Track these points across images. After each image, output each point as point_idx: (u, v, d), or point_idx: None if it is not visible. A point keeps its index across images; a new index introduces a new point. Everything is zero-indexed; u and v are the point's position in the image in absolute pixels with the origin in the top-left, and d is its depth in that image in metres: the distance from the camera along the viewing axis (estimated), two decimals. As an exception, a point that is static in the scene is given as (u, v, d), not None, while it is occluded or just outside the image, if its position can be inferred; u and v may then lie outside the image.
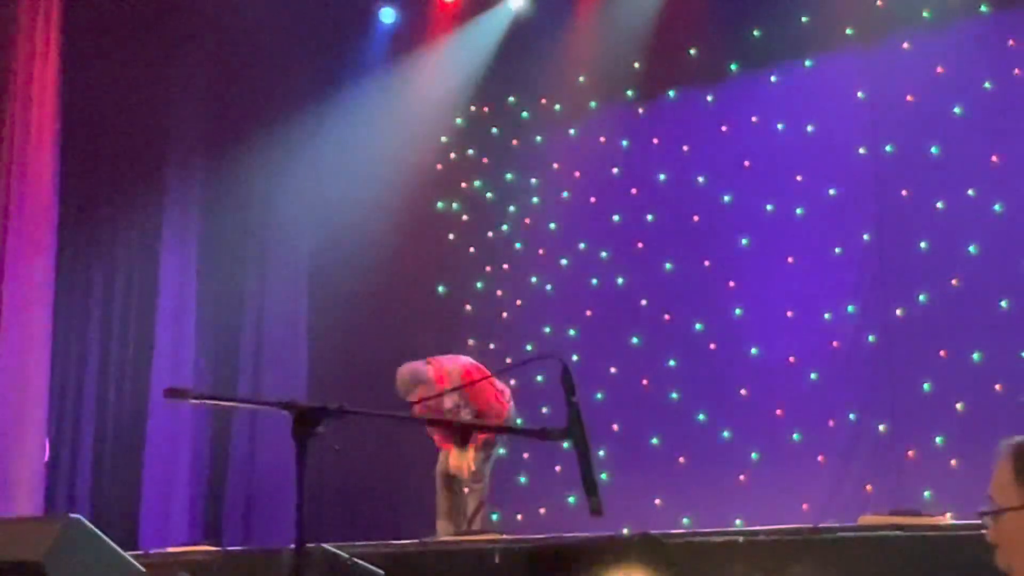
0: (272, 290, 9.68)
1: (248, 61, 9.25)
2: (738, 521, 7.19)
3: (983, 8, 7.61)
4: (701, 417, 8.25)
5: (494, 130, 9.61)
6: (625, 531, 5.02)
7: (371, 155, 9.43)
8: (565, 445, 2.31)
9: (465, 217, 9.68)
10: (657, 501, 8.10)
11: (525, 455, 8.64)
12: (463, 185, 9.71)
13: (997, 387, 7.12)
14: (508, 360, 8.66)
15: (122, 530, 8.10)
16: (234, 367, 9.38)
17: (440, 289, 9.64)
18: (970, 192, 7.47)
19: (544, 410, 7.59)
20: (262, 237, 9.70)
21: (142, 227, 9.39)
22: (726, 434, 8.09)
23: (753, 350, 8.12)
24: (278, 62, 9.38)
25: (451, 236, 9.67)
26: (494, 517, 8.43)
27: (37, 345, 7.76)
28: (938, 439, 7.29)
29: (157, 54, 9.15)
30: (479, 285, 9.45)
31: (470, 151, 9.70)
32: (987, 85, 7.54)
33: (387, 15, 9.72)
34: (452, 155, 9.73)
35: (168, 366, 8.94)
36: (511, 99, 9.48)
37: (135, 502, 8.80)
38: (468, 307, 9.49)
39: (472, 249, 9.56)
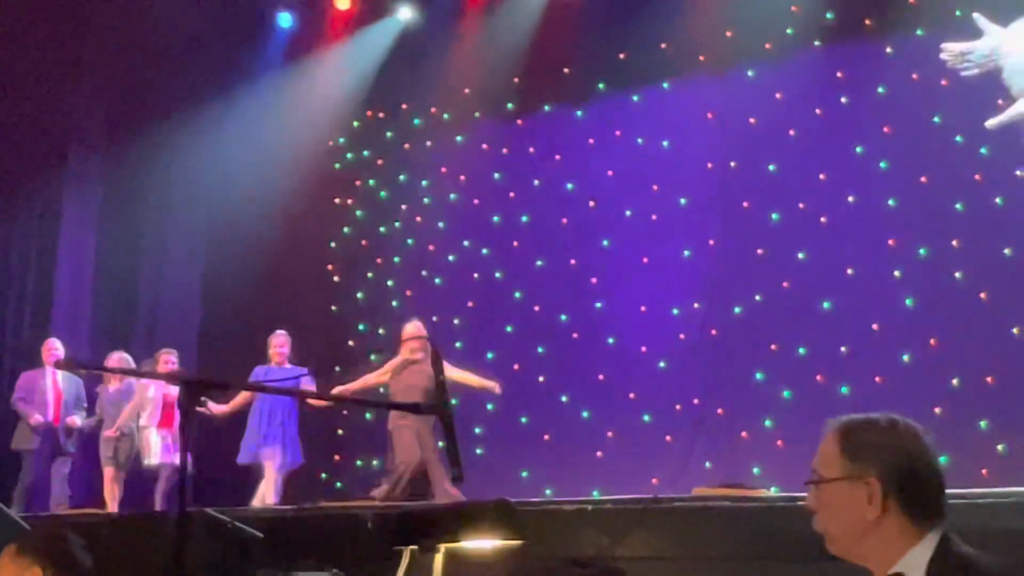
0: (168, 266, 9.38)
1: (151, 54, 8.95)
2: (595, 492, 7.31)
3: (816, 43, 7.88)
4: (564, 399, 8.36)
5: (389, 134, 9.51)
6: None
7: (270, 149, 9.21)
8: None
9: (360, 213, 9.55)
10: (524, 473, 8.19)
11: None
12: (358, 183, 9.58)
13: (819, 377, 7.38)
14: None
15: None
16: (128, 335, 9.01)
17: (335, 278, 9.51)
18: (801, 205, 7.73)
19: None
20: (161, 215, 9.39)
21: (43, 200, 8.96)
22: (585, 414, 8.22)
23: (610, 340, 8.25)
24: (180, 57, 9.08)
25: (346, 230, 9.55)
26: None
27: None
28: (767, 422, 7.51)
29: (63, 40, 8.74)
30: (370, 275, 9.35)
31: (366, 152, 9.58)
32: (818, 111, 7.82)
33: (284, 19, 9.52)
34: (349, 155, 9.61)
35: (64, 328, 8.55)
36: (404, 106, 9.39)
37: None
38: (360, 295, 9.40)
39: (365, 242, 9.45)
